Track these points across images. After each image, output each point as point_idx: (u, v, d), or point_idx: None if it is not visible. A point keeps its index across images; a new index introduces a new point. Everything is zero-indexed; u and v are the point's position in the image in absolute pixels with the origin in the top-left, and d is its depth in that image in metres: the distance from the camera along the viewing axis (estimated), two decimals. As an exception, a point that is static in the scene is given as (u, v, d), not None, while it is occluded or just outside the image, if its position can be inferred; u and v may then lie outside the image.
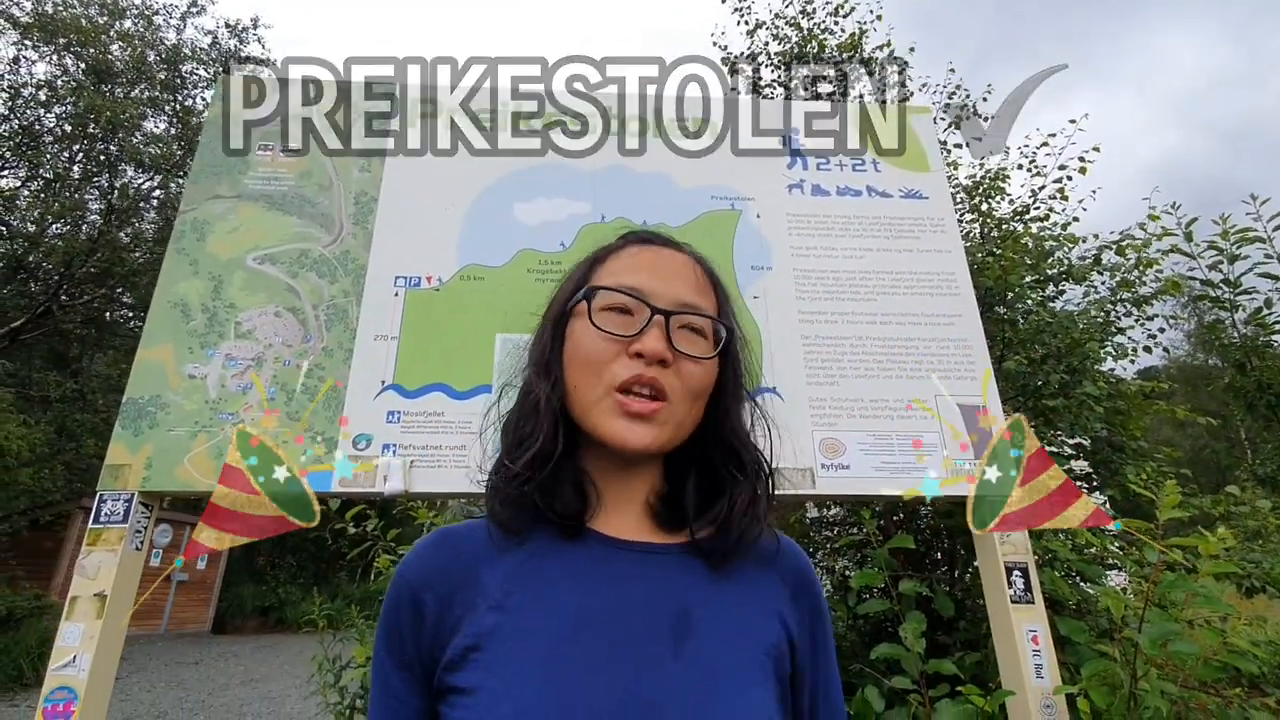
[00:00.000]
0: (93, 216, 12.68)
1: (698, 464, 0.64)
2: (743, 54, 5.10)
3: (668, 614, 0.56)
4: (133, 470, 1.69)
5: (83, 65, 11.97)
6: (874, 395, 1.93)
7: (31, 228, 12.49)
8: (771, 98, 4.76)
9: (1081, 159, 3.10)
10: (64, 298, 12.26)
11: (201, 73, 13.32)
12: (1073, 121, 3.34)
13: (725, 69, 5.08)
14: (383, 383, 1.83)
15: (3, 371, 9.27)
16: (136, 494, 1.67)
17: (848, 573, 2.85)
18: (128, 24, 12.65)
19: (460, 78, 2.28)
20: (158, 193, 13.16)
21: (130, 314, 13.94)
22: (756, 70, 4.97)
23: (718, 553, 0.60)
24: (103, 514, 1.65)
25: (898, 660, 1.74)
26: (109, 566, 1.61)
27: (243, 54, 13.66)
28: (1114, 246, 2.79)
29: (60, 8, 11.88)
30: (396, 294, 1.95)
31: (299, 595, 13.93)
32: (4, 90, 11.84)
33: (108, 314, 13.89)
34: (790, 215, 2.18)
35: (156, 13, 13.02)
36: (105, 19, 12.27)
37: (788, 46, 4.86)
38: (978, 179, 3.49)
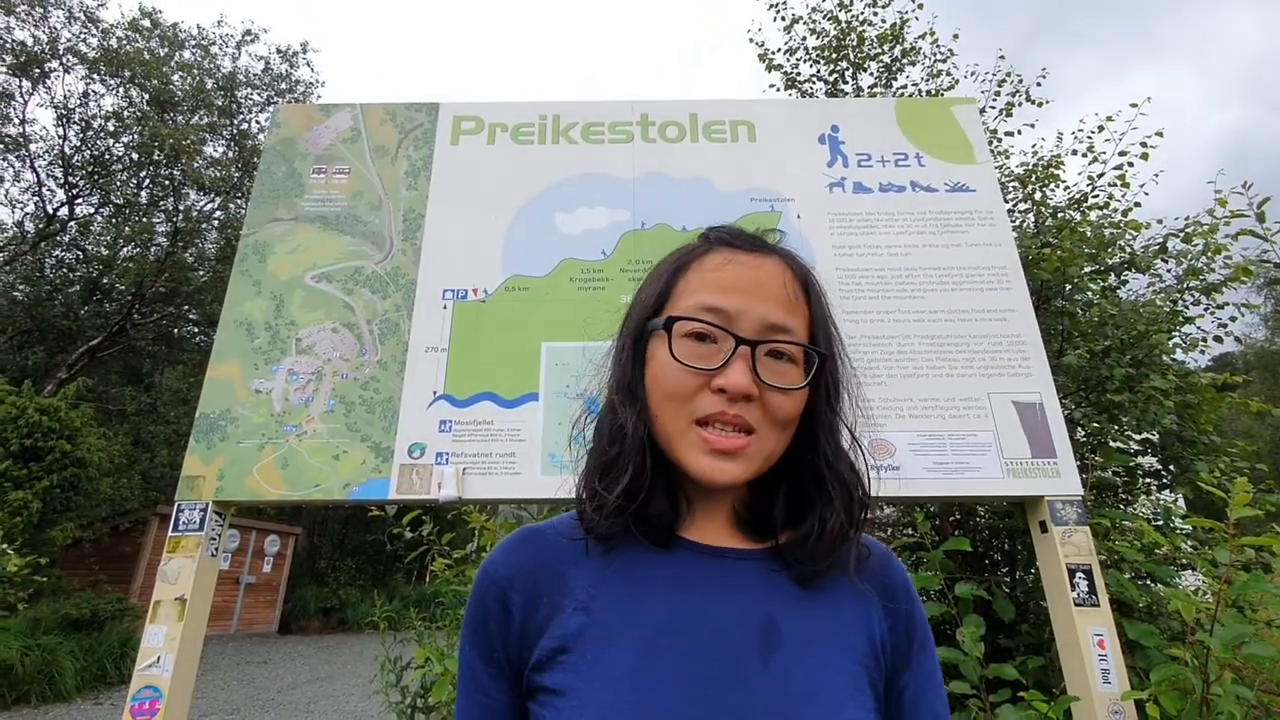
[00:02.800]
0: (159, 239, 13.41)
1: (788, 478, 0.61)
2: (780, 50, 5.05)
3: (755, 623, 0.55)
4: (206, 481, 1.79)
5: (146, 96, 12.67)
6: (924, 394, 1.89)
7: (105, 251, 13.30)
8: (811, 94, 4.71)
9: (1144, 144, 2.96)
10: (136, 316, 13.00)
11: (255, 97, 13.96)
12: (1134, 105, 3.20)
13: (763, 66, 5.04)
14: (434, 393, 1.89)
15: (84, 388, 9.88)
16: (211, 503, 1.76)
17: (901, 575, 2.79)
18: (186, 54, 13.34)
19: (514, 114, 2.33)
20: (218, 214, 13.83)
21: (197, 330, 14.68)
22: (795, 66, 4.92)
23: (806, 572, 0.58)
24: (181, 523, 1.75)
25: (956, 665, 1.70)
26: (188, 572, 1.71)
27: (294, 78, 14.21)
28: (1180, 234, 2.66)
29: (124, 42, 12.59)
30: (445, 306, 2.01)
31: (359, 597, 14.40)
32: (76, 124, 12.61)
33: (176, 330, 14.66)
34: (831, 214, 2.15)
35: (213, 42, 13.68)
36: (166, 50, 12.95)
37: (826, 41, 4.79)
38: (1030, 167, 3.38)
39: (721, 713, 0.50)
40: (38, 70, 12.10)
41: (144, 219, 13.37)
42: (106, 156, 12.99)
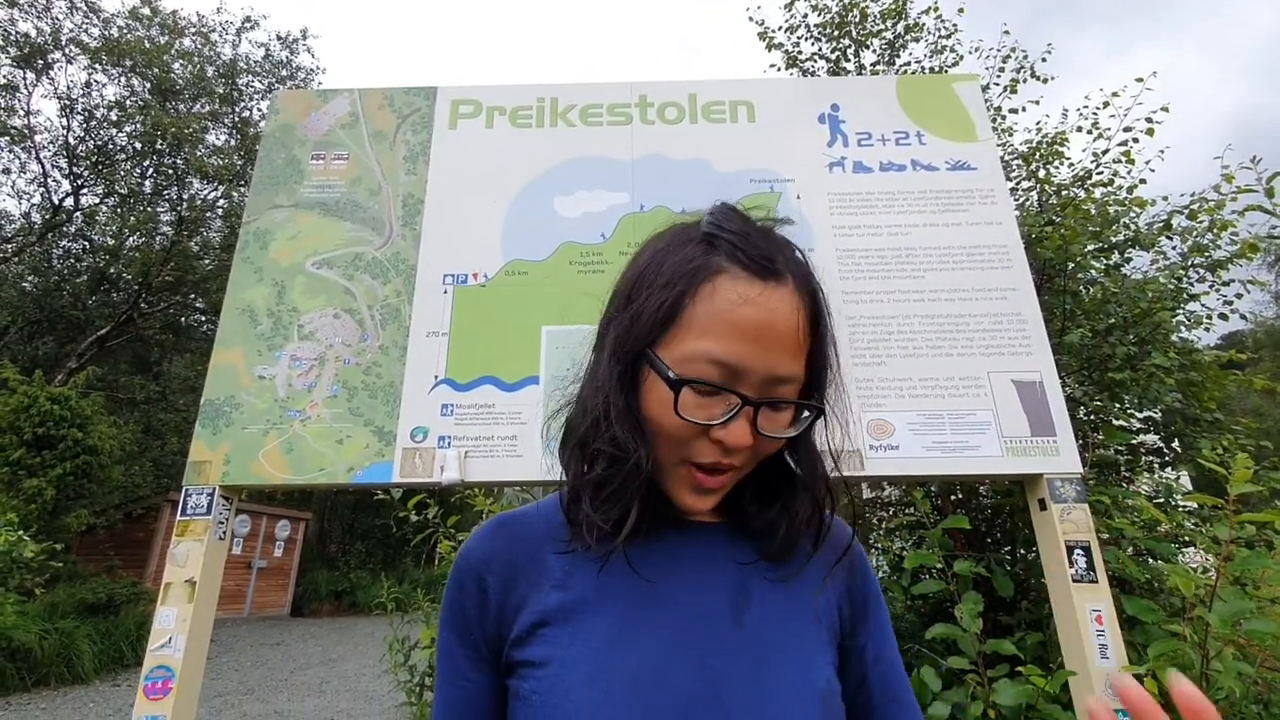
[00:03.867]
0: (164, 228, 13.44)
1: (758, 472, 0.62)
2: (780, 28, 4.98)
3: (727, 588, 0.58)
4: (213, 466, 1.82)
5: (148, 85, 12.64)
6: (923, 374, 1.89)
7: (111, 241, 13.35)
8: (813, 73, 4.65)
9: (1149, 119, 2.92)
10: (143, 306, 13.08)
11: (256, 84, 13.90)
12: (1139, 80, 3.15)
13: (763, 45, 4.98)
14: (436, 377, 1.91)
15: (93, 377, 9.97)
16: (218, 488, 1.79)
17: (903, 553, 2.81)
18: (187, 42, 13.28)
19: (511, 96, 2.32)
20: (222, 202, 13.84)
21: (203, 318, 14.76)
22: (796, 45, 4.86)
23: (774, 551, 0.61)
24: (189, 507, 1.78)
25: (954, 640, 1.72)
26: (196, 555, 1.74)
27: (294, 64, 14.14)
28: (1185, 211, 2.63)
29: (125, 31, 12.55)
30: (445, 291, 2.01)
31: (369, 580, 14.59)
32: (79, 114, 12.61)
33: (183, 319, 14.74)
34: (831, 194, 2.14)
35: (213, 29, 13.61)
36: (166, 38, 12.90)
37: (828, 17, 4.72)
38: (1034, 144, 3.34)
39: (699, 670, 0.53)
40: (41, 61, 12.08)
41: (148, 208, 13.40)
42: (110, 146, 13.00)
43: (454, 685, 0.59)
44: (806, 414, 0.58)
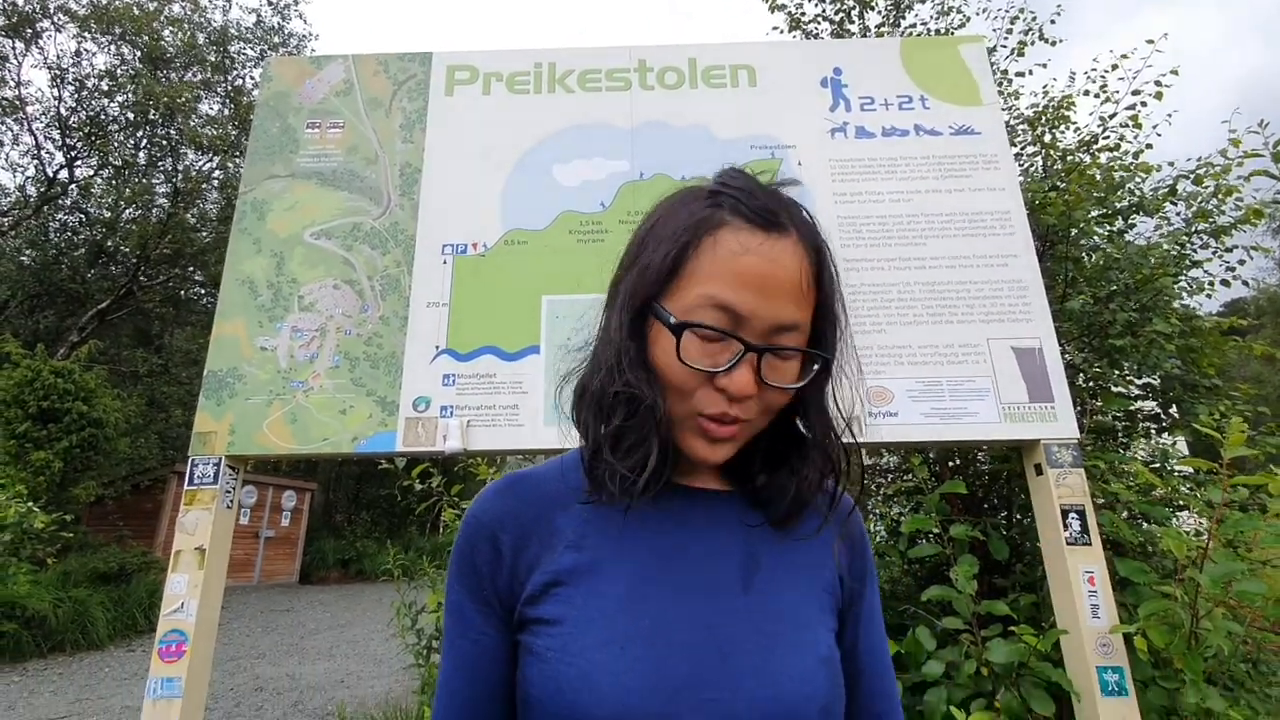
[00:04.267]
0: (160, 200, 13.32)
1: (770, 430, 0.62)
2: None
3: (736, 555, 0.60)
4: (218, 437, 1.84)
5: (138, 53, 12.40)
6: (924, 341, 1.90)
7: (107, 214, 13.24)
8: (816, 35, 4.55)
9: (1158, 83, 2.86)
10: (142, 279, 13.03)
11: (249, 51, 13.63)
12: (1150, 42, 3.08)
13: (766, 6, 4.86)
14: (437, 348, 1.91)
15: (95, 350, 9.99)
16: (224, 458, 1.81)
17: (901, 518, 2.85)
18: (176, 8, 12.98)
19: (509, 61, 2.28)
20: (217, 173, 13.69)
21: (203, 291, 14.72)
22: (799, 6, 4.74)
23: (779, 515, 0.62)
24: (196, 477, 1.80)
25: (951, 602, 1.76)
26: (205, 523, 1.77)
27: (286, 30, 13.85)
28: (1191, 176, 2.60)
29: (113, -3, 12.25)
30: (445, 261, 2.01)
31: (375, 548, 14.82)
32: (70, 84, 12.40)
33: (182, 292, 14.70)
34: (833, 161, 2.12)
35: (202, -6, 13.28)
36: (155, 4, 12.61)
37: (831, -23, 4.59)
38: (1041, 108, 3.28)
39: (707, 632, 0.55)
40: (30, 30, 11.83)
41: (143, 180, 13.26)
42: (102, 117, 12.81)
43: (465, 639, 0.60)
44: (815, 366, 0.58)
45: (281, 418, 1.86)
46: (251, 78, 13.49)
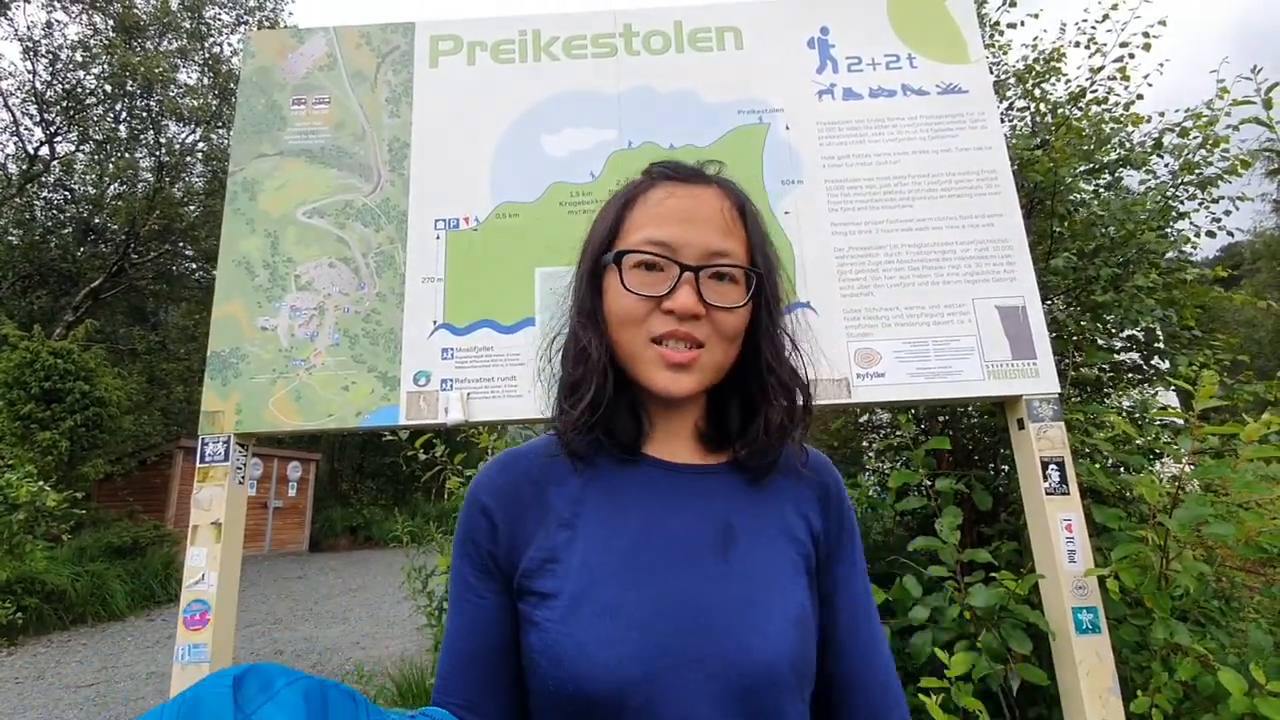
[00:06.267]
0: (145, 175, 13.11)
1: (739, 390, 0.69)
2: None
3: (715, 526, 0.64)
4: (226, 415, 1.89)
5: (111, 22, 12.04)
6: (910, 303, 1.94)
7: (92, 190, 13.05)
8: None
9: (1146, 34, 2.83)
10: (133, 256, 12.92)
11: (224, 17, 13.25)
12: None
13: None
14: (434, 322, 1.95)
15: (92, 330, 9.99)
16: (232, 436, 1.87)
17: (891, 472, 2.94)
18: (146, -28, 12.55)
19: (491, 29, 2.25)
20: (201, 145, 13.44)
21: (195, 266, 14.61)
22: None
23: (754, 469, 0.68)
24: (207, 455, 1.87)
25: (935, 552, 1.85)
26: (219, 499, 1.84)
27: (261, -8, 13.40)
28: (1177, 129, 2.60)
29: (80, -38, 11.84)
30: (438, 236, 2.03)
31: (382, 515, 15.10)
32: (44, 56, 12.08)
33: (174, 268, 14.60)
34: (821, 124, 2.12)
35: (172, -43, 12.84)
36: (124, -31, 12.19)
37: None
38: (1030, 62, 3.25)
39: (692, 601, 0.60)
40: (-4, 0, 11.47)
41: (126, 154, 13.04)
42: (79, 90, 12.52)
43: (467, 602, 0.65)
44: (753, 284, 0.65)
45: (286, 395, 1.91)
46: (229, 44, 13.15)
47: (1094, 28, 2.99)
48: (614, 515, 0.64)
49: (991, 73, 3.04)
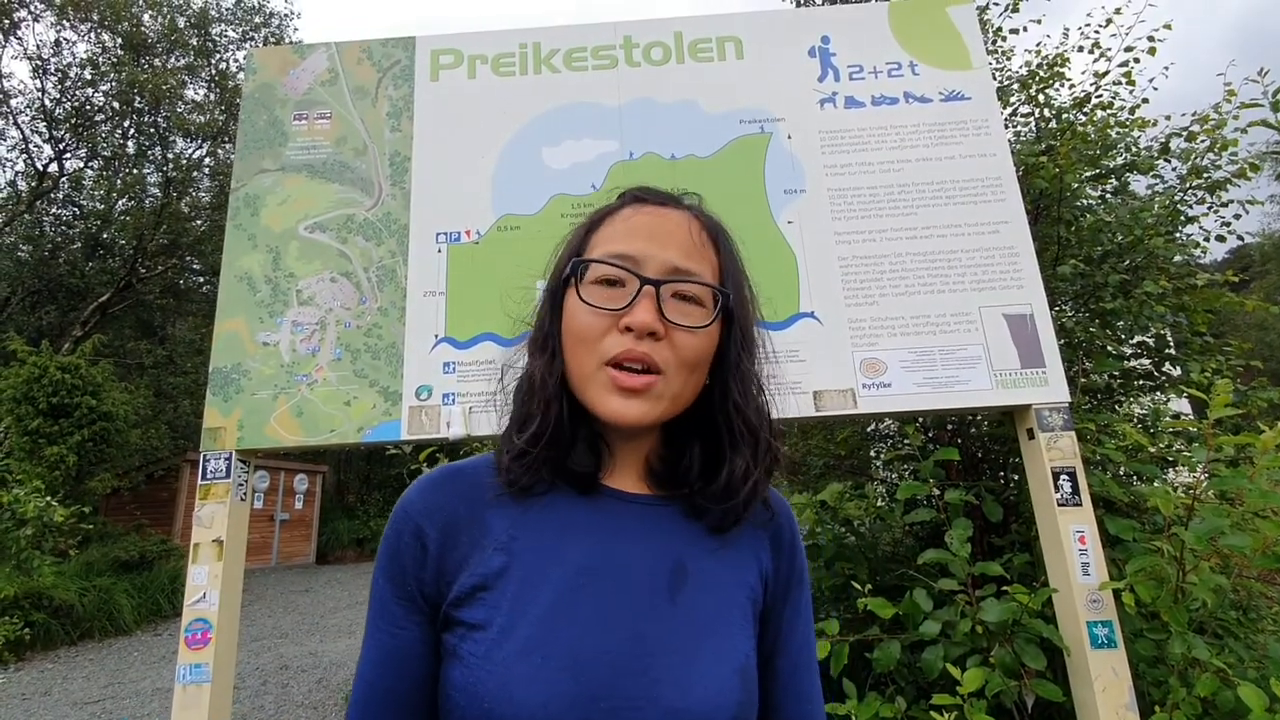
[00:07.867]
0: (153, 190, 13.23)
1: (702, 429, 0.64)
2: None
3: (666, 565, 0.59)
4: (228, 432, 1.88)
5: (119, 40, 12.19)
6: (915, 312, 1.92)
7: (100, 206, 13.18)
8: (810, 2, 4.47)
9: (1150, 38, 2.81)
10: (141, 270, 13.02)
11: (231, 33, 13.39)
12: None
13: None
14: (436, 336, 1.94)
15: (100, 344, 10.05)
16: (234, 452, 1.86)
17: (898, 483, 2.91)
18: (154, -10, 12.72)
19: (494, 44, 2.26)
20: (208, 160, 13.56)
21: (202, 280, 14.71)
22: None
23: (715, 520, 0.62)
24: (208, 471, 1.85)
25: (946, 565, 1.81)
26: (221, 516, 1.82)
27: (268, 10, 13.57)
28: (1184, 133, 2.58)
29: (90, -18, 12.01)
30: (440, 250, 2.03)
31: (388, 528, 15.06)
32: (53, 74, 12.24)
33: (181, 282, 14.70)
34: (823, 133, 2.11)
35: (180, -25, 13.01)
36: (132, -12, 12.35)
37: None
38: (1034, 68, 3.24)
39: (634, 642, 0.55)
40: (7, 21, 11.63)
41: (134, 170, 13.17)
42: (88, 107, 12.66)
43: (384, 632, 0.59)
44: (718, 308, 0.60)
45: (288, 411, 1.90)
46: (235, 60, 13.28)
47: (1097, 32, 2.97)
48: (557, 543, 0.59)
49: (995, 79, 3.03)
